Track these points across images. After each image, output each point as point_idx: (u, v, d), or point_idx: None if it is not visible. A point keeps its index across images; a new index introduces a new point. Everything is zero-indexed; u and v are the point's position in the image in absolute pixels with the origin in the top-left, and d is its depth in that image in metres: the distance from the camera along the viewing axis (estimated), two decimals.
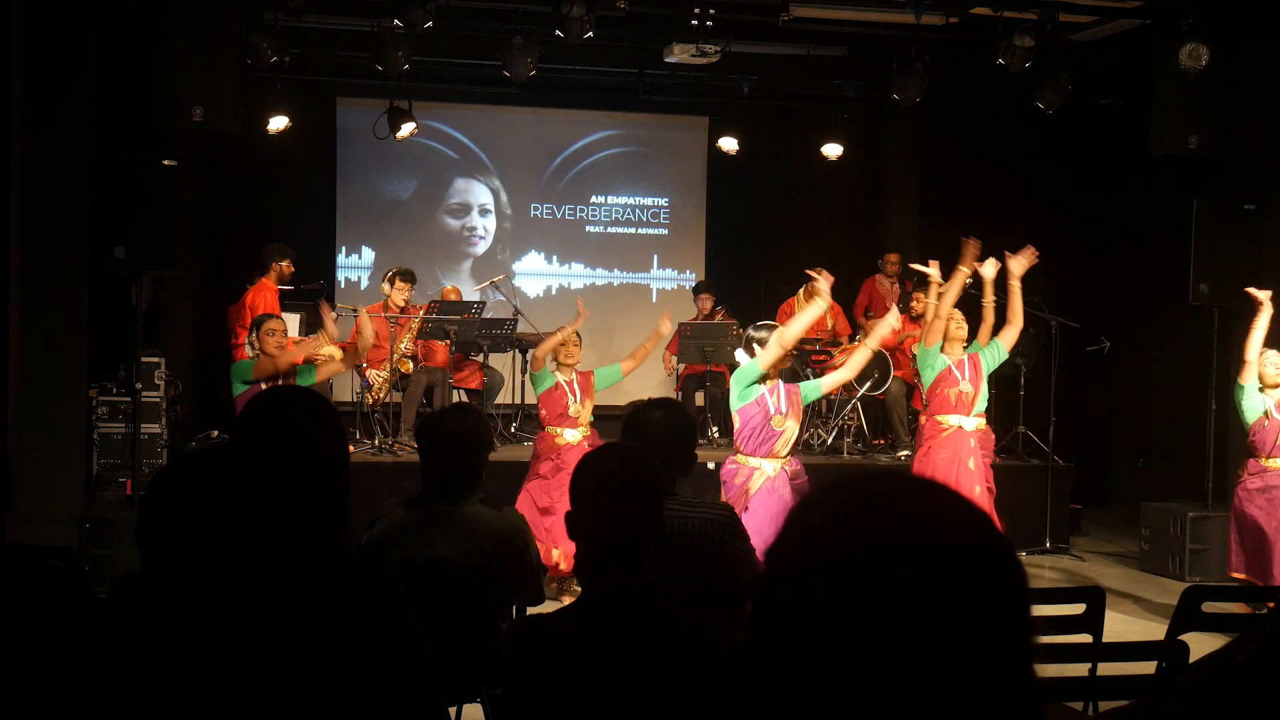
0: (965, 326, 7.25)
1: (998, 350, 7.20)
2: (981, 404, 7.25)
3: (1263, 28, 8.76)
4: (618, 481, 2.56)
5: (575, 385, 7.76)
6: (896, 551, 1.03)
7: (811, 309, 6.39)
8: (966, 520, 1.07)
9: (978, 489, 7.02)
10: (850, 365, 6.61)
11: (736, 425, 6.21)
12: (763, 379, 6.12)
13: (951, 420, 7.15)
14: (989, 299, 7.28)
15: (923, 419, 7.66)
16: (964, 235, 7.29)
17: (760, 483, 6.07)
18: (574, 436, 7.69)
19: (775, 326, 6.48)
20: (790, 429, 6.15)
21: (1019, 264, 7.22)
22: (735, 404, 6.18)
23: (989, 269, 7.22)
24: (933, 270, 7.81)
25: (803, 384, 6.34)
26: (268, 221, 11.73)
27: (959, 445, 7.12)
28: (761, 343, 6.21)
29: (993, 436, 7.58)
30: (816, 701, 1.01)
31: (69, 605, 2.94)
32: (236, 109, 8.01)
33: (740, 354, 6.40)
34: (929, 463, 7.14)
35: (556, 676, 2.46)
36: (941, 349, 7.26)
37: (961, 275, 7.10)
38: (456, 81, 11.85)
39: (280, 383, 6.81)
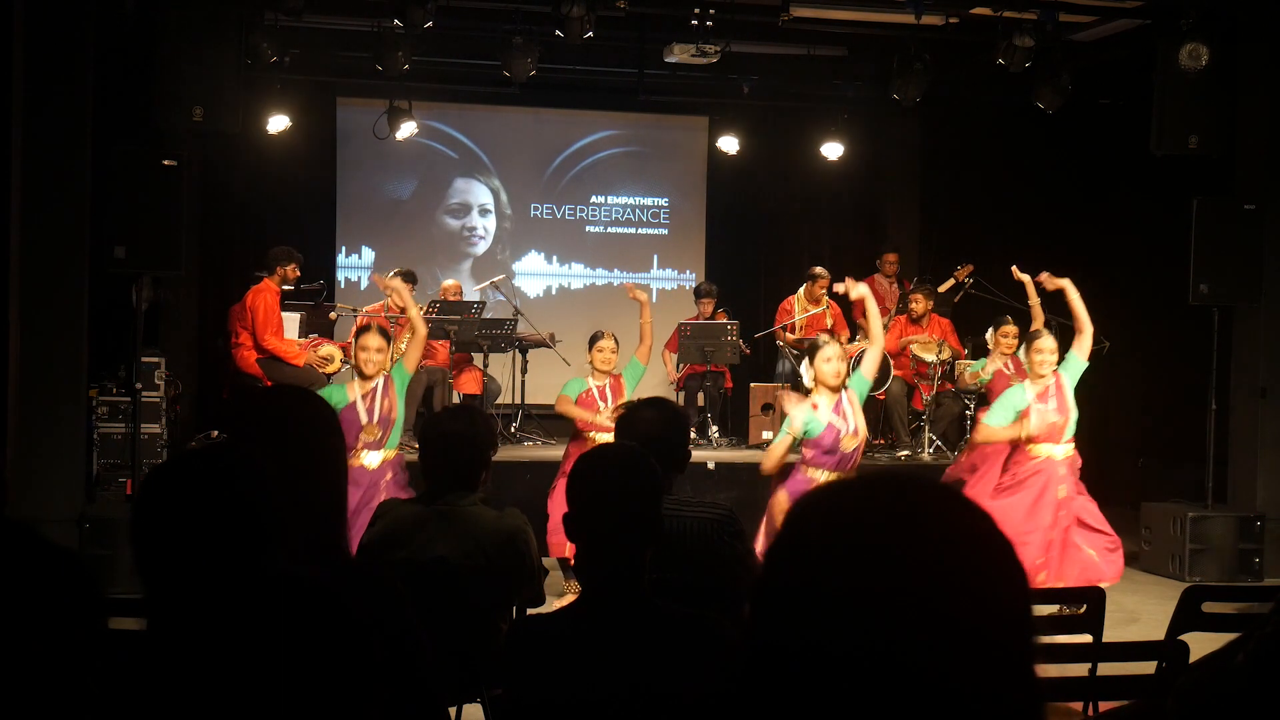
0: (1045, 351, 6.93)
1: (1076, 364, 6.90)
2: (1072, 428, 6.89)
3: (1263, 28, 8.75)
4: (616, 482, 2.56)
5: (607, 390, 7.51)
6: (896, 552, 1.03)
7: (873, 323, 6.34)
8: (967, 521, 1.07)
9: (1060, 513, 6.76)
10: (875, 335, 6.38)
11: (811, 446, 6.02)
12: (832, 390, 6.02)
13: (1042, 449, 6.84)
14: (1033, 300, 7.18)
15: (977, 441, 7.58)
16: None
17: None
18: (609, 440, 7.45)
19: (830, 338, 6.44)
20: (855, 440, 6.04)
21: (1050, 282, 7.13)
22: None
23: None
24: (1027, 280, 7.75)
25: (851, 382, 6.12)
26: (268, 221, 11.75)
27: (1050, 475, 6.79)
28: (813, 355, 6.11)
29: (1080, 460, 7.10)
30: (815, 702, 1.01)
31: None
32: (236, 109, 8.02)
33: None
34: (1011, 494, 6.80)
35: (556, 677, 2.46)
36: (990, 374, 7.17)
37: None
38: (456, 81, 11.85)
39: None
